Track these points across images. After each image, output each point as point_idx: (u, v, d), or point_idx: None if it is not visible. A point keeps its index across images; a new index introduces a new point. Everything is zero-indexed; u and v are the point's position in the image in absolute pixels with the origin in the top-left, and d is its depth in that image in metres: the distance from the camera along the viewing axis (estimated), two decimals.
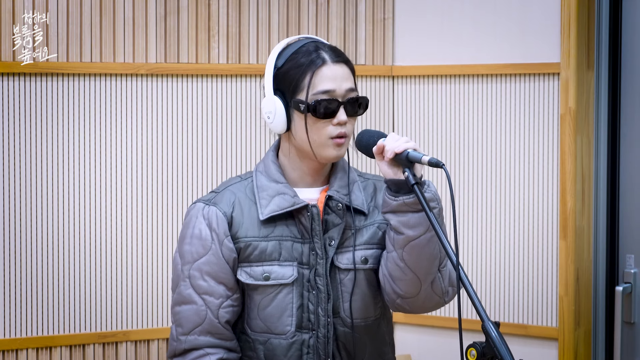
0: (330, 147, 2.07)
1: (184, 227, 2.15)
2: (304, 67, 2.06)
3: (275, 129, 2.10)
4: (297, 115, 2.07)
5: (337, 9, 3.44)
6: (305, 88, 2.05)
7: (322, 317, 2.10)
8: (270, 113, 2.08)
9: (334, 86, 2.06)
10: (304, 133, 2.07)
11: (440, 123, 3.44)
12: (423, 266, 2.05)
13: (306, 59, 2.06)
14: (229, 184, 2.17)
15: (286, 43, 2.12)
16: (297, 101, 2.06)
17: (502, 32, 3.31)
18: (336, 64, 2.07)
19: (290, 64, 2.08)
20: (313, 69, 2.05)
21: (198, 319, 2.09)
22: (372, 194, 2.18)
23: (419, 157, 1.95)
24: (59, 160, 3.17)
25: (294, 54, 2.08)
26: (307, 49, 2.08)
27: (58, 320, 3.19)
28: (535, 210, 3.28)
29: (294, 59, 2.08)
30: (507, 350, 1.77)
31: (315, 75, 2.05)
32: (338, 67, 2.08)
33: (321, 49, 2.08)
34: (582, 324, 3.24)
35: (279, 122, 2.08)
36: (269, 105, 2.09)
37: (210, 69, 3.31)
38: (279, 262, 2.10)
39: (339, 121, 2.06)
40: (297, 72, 2.06)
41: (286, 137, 2.13)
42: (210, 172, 3.34)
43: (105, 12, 3.20)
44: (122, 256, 3.25)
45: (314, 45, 2.10)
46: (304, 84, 2.05)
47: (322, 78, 2.05)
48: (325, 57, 2.07)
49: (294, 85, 2.06)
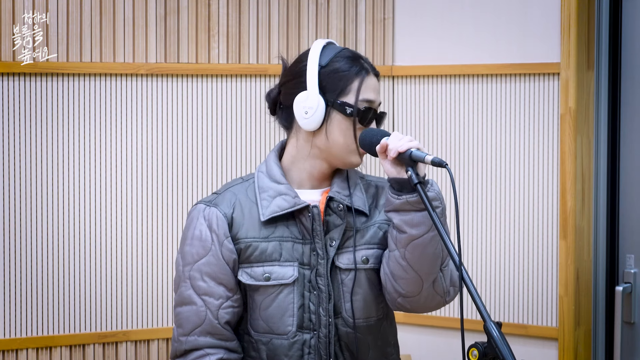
0: (357, 154, 2.10)
1: (185, 229, 2.15)
2: (353, 72, 2.09)
3: (307, 125, 2.09)
4: (338, 117, 2.09)
5: (337, 9, 3.44)
6: (354, 92, 2.08)
7: (324, 317, 2.10)
8: (310, 109, 2.08)
9: (374, 97, 2.11)
10: (340, 135, 2.08)
11: (440, 123, 3.44)
12: (425, 265, 2.05)
13: (353, 65, 2.10)
14: (230, 185, 2.18)
15: (325, 42, 2.14)
16: (344, 103, 2.07)
17: (502, 32, 3.31)
18: (374, 77, 2.13)
19: (337, 65, 2.10)
20: (362, 76, 2.09)
21: (198, 319, 2.09)
22: (373, 195, 2.18)
23: (422, 157, 1.96)
24: (59, 160, 3.17)
25: (337, 56, 2.11)
26: (349, 55, 2.12)
27: (58, 320, 3.19)
28: (535, 210, 3.28)
29: (339, 62, 2.10)
30: (508, 351, 1.77)
31: (364, 82, 2.09)
32: (376, 80, 2.13)
33: (362, 59, 2.13)
34: (582, 324, 3.25)
35: (315, 119, 2.08)
36: (311, 100, 2.08)
37: (210, 69, 3.31)
38: (280, 263, 2.10)
39: None
40: (345, 76, 2.09)
41: (309, 135, 2.12)
42: (210, 172, 3.34)
43: (105, 12, 3.20)
44: (122, 256, 3.25)
45: (354, 53, 2.14)
46: (351, 88, 2.08)
47: (368, 87, 2.10)
48: (368, 67, 2.12)
49: (341, 87, 2.08)
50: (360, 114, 2.08)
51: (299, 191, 2.13)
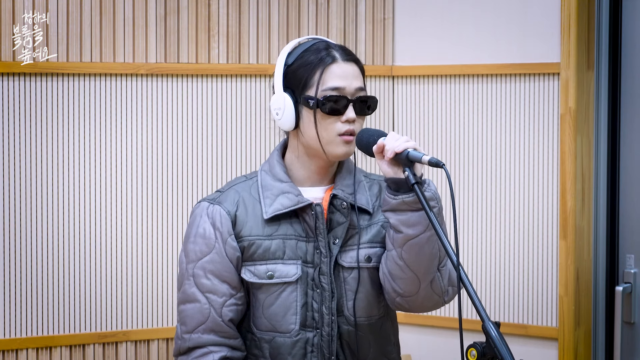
0: (338, 144, 2.08)
1: (188, 226, 2.16)
2: (314, 64, 2.08)
3: (283, 125, 2.10)
4: (306, 112, 2.08)
5: (337, 9, 3.44)
6: (315, 84, 2.06)
7: (327, 316, 2.10)
8: (279, 110, 2.09)
9: (343, 84, 2.07)
10: (312, 130, 2.08)
11: (440, 123, 3.44)
12: (422, 265, 2.05)
13: (316, 57, 2.08)
14: (234, 183, 2.18)
15: (297, 42, 2.14)
16: (307, 97, 2.07)
17: (502, 32, 3.31)
18: (346, 63, 2.09)
19: (301, 61, 2.09)
20: (323, 66, 2.07)
21: (201, 317, 2.09)
22: (377, 193, 2.18)
23: (419, 157, 1.96)
24: (59, 160, 3.17)
25: (305, 52, 2.10)
26: (318, 47, 2.10)
27: (58, 320, 3.19)
28: (535, 210, 3.28)
29: (304, 57, 2.09)
30: (507, 351, 1.77)
31: (325, 72, 2.07)
32: (348, 66, 2.09)
33: (332, 48, 2.10)
34: (582, 324, 3.25)
35: (287, 118, 2.09)
36: (278, 101, 2.10)
37: (210, 69, 3.31)
38: (283, 261, 2.10)
39: (347, 118, 2.07)
40: (307, 69, 2.08)
41: (294, 135, 2.13)
42: (209, 172, 3.34)
43: (105, 12, 3.20)
44: (122, 256, 3.25)
45: (325, 44, 2.12)
46: (313, 81, 2.07)
47: (332, 75, 2.07)
48: (335, 55, 2.09)
49: (303, 82, 2.08)
50: (320, 104, 2.06)
51: (302, 189, 2.13)
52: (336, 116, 2.06)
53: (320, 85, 2.06)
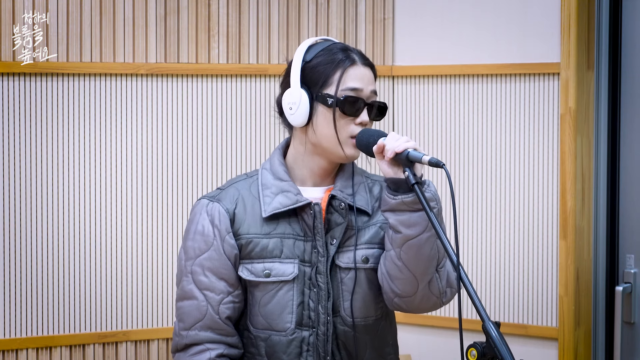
0: (349, 146, 2.09)
1: (188, 223, 2.17)
2: (335, 64, 2.09)
3: (295, 121, 2.10)
4: (322, 109, 2.09)
5: (337, 9, 3.44)
6: (335, 83, 2.08)
7: (322, 315, 2.11)
8: (294, 104, 2.10)
9: (361, 85, 2.09)
10: (326, 127, 2.08)
11: (440, 123, 3.44)
12: (420, 266, 2.06)
13: (337, 57, 2.10)
14: (234, 181, 2.20)
15: (314, 40, 2.16)
16: (325, 95, 2.08)
17: (502, 32, 3.31)
18: (364, 67, 2.11)
19: (321, 59, 2.10)
20: (344, 66, 2.09)
21: (199, 314, 2.10)
22: (377, 195, 2.19)
23: (419, 157, 1.96)
24: (59, 160, 3.17)
25: (324, 50, 2.12)
26: (337, 47, 2.12)
27: (58, 320, 3.19)
28: (535, 210, 3.28)
29: (324, 55, 2.11)
30: (507, 351, 1.77)
31: (345, 73, 2.08)
32: (365, 70, 2.11)
33: (350, 51, 2.12)
34: (582, 324, 3.25)
35: (301, 114, 2.09)
36: (294, 96, 2.10)
37: (210, 69, 3.31)
38: (280, 259, 2.10)
39: (361, 121, 2.09)
40: (327, 68, 2.09)
41: (302, 132, 2.13)
42: (209, 172, 3.34)
43: (105, 12, 3.21)
44: (122, 256, 3.25)
45: (343, 45, 2.14)
46: (333, 79, 2.08)
47: (351, 76, 2.09)
48: (355, 58, 2.11)
49: (323, 80, 2.09)
50: (340, 103, 2.07)
51: (301, 189, 2.14)
52: (351, 117, 2.08)
53: (341, 84, 2.08)
